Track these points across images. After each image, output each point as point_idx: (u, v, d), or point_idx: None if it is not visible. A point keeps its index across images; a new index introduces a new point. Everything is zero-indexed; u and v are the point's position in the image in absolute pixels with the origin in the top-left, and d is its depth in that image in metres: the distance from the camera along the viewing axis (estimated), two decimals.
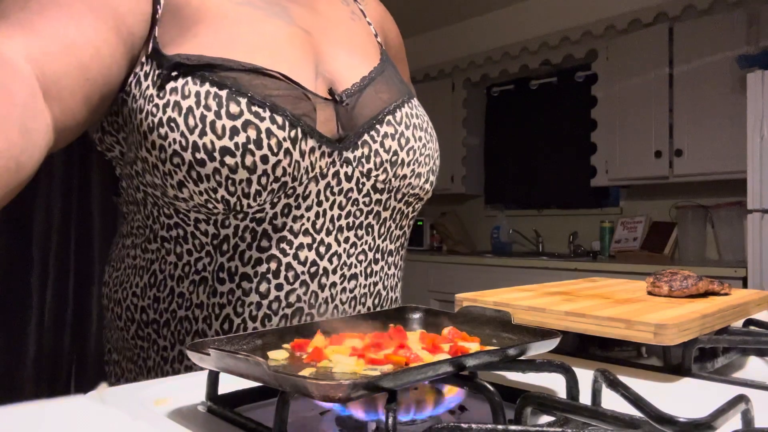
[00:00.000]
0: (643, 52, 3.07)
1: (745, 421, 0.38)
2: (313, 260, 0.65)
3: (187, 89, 0.58)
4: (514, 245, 3.89)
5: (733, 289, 0.76)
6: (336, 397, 0.35)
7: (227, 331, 0.65)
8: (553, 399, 0.39)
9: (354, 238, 0.69)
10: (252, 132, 0.58)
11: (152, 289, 0.68)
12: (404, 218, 0.76)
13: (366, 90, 0.70)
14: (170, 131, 0.57)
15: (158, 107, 0.58)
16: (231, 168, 0.58)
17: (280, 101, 0.60)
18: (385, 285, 0.75)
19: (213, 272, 0.65)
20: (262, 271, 0.64)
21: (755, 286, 2.31)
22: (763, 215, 2.30)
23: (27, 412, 0.45)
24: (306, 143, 0.62)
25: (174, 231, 0.65)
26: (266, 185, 0.60)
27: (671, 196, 3.22)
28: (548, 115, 3.83)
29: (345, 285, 0.69)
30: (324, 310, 0.67)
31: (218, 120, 0.57)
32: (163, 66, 0.59)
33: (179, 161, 0.58)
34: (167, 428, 0.43)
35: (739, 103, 2.52)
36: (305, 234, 0.65)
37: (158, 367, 0.69)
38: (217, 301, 0.65)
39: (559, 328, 0.61)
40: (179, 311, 0.67)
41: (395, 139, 0.70)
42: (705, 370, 0.60)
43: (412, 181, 0.72)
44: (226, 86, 0.58)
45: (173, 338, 0.68)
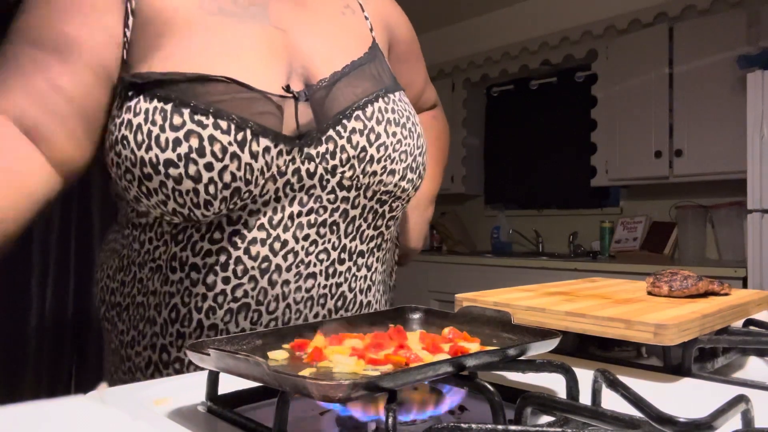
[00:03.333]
0: (643, 52, 3.07)
1: (745, 421, 0.38)
2: (265, 256, 0.64)
3: (138, 107, 0.60)
4: (514, 245, 3.89)
5: (733, 289, 0.76)
6: (336, 397, 0.35)
7: (174, 320, 0.66)
8: (553, 399, 0.40)
9: (315, 235, 0.67)
10: (194, 141, 0.58)
11: (120, 273, 0.71)
12: (379, 218, 0.73)
13: (337, 84, 0.68)
14: (123, 149, 0.60)
15: (116, 126, 0.61)
16: (175, 179, 0.59)
17: (226, 106, 0.60)
18: (352, 287, 0.72)
19: (166, 261, 0.66)
20: (210, 262, 0.64)
21: (755, 286, 2.31)
22: (763, 215, 2.30)
23: (27, 412, 0.45)
24: (258, 144, 0.61)
25: (143, 219, 0.67)
26: (215, 194, 0.60)
27: (671, 196, 3.22)
28: (548, 115, 3.83)
29: (300, 284, 0.66)
30: (274, 308, 0.66)
31: (162, 133, 0.58)
32: (122, 85, 0.62)
33: (131, 177, 0.60)
34: (167, 428, 0.43)
35: (739, 103, 2.52)
36: (260, 229, 0.64)
37: (117, 351, 0.72)
38: (168, 289, 0.66)
39: (559, 328, 0.61)
40: (138, 297, 0.69)
41: (363, 134, 0.67)
42: (705, 370, 0.60)
43: (383, 178, 0.69)
44: (171, 99, 0.59)
45: (129, 323, 0.70)
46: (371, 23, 0.80)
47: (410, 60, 0.92)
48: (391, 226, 0.76)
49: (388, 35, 0.85)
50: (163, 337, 0.67)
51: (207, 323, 0.65)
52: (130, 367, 0.70)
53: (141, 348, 0.69)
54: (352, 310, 0.73)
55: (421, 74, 0.97)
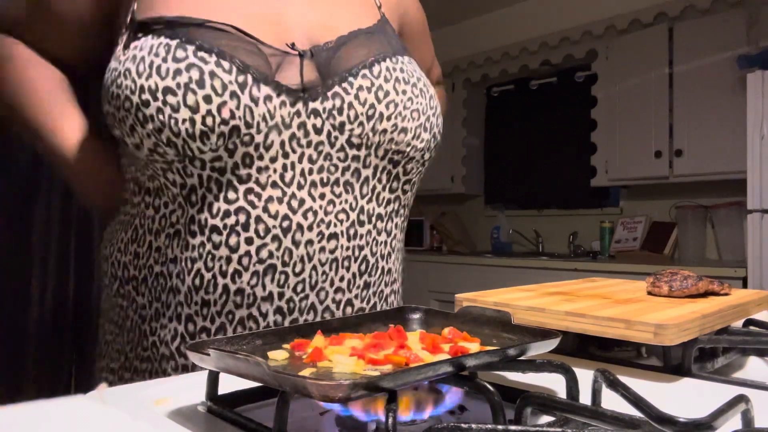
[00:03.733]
0: (643, 52, 3.07)
1: (745, 421, 0.38)
2: (285, 214, 0.63)
3: (144, 44, 0.62)
4: (514, 245, 3.89)
5: (733, 289, 0.76)
6: (336, 397, 0.35)
7: (198, 287, 0.64)
8: (553, 399, 0.40)
9: (331, 194, 0.66)
10: (195, 73, 0.59)
11: (133, 245, 0.69)
12: (393, 180, 0.72)
13: (343, 47, 0.68)
14: (124, 79, 0.61)
15: (120, 61, 0.62)
16: (173, 107, 0.59)
17: (228, 50, 0.61)
18: (374, 251, 0.71)
19: (185, 225, 0.64)
20: (230, 223, 0.63)
21: (755, 286, 2.31)
22: (763, 215, 2.30)
23: (27, 412, 0.45)
24: (258, 90, 0.62)
25: (153, 182, 0.66)
26: (213, 126, 0.60)
27: (671, 196, 3.22)
28: (548, 115, 3.83)
29: (324, 244, 0.65)
30: (300, 269, 0.65)
31: (164, 64, 0.60)
32: (131, 29, 0.64)
33: (129, 105, 0.60)
34: (167, 428, 0.43)
35: (739, 103, 2.52)
36: (273, 186, 0.63)
37: (136, 327, 0.69)
38: (189, 255, 0.64)
39: (559, 328, 0.61)
40: (155, 266, 0.67)
41: (372, 91, 0.67)
42: (705, 370, 0.60)
43: (394, 137, 0.68)
44: (177, 37, 0.61)
45: (150, 295, 0.67)
46: (380, 1, 0.80)
47: (420, 39, 0.92)
48: (408, 191, 0.75)
49: (399, 17, 0.84)
50: (188, 306, 0.65)
51: (233, 288, 0.64)
52: (155, 341, 0.67)
53: (166, 320, 0.66)
54: (374, 276, 0.72)
55: (429, 54, 0.97)
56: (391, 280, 0.75)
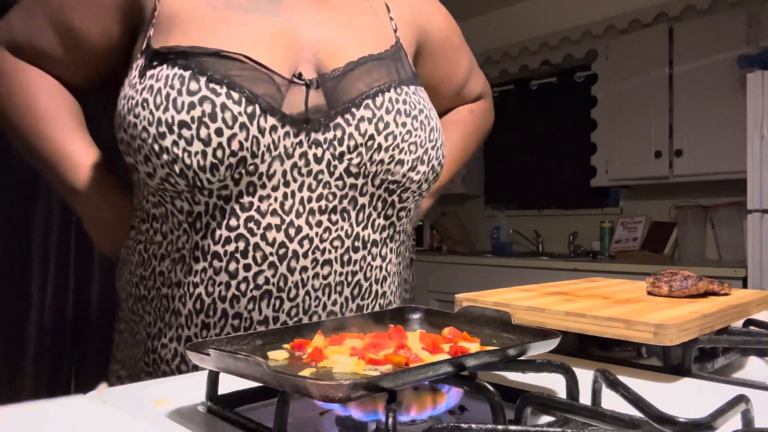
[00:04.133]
0: (643, 52, 3.07)
1: (745, 421, 0.38)
2: (281, 242, 0.65)
3: (160, 74, 0.64)
4: (514, 245, 3.89)
5: (733, 289, 0.76)
6: (336, 397, 0.35)
7: (198, 310, 0.67)
8: (553, 399, 0.40)
9: (327, 222, 0.68)
10: (207, 106, 0.62)
11: (139, 268, 0.73)
12: (389, 207, 0.73)
13: (349, 74, 0.69)
14: (142, 110, 0.63)
15: (137, 91, 0.64)
16: (187, 140, 0.61)
17: (239, 80, 0.63)
18: (368, 276, 0.72)
19: (190, 250, 0.67)
20: (230, 250, 0.65)
21: (755, 286, 2.31)
22: (763, 215, 2.30)
23: (27, 412, 0.45)
24: (265, 120, 0.64)
25: (159, 209, 0.69)
26: (222, 159, 0.62)
27: (671, 196, 3.22)
28: (548, 115, 3.83)
29: (318, 270, 0.67)
30: (295, 295, 0.67)
31: (179, 97, 0.62)
32: (147, 57, 0.66)
33: (146, 135, 0.62)
34: (167, 428, 0.43)
35: (739, 103, 2.52)
36: (273, 214, 0.65)
37: (142, 343, 0.72)
38: (192, 279, 0.67)
39: (559, 328, 0.61)
40: (163, 289, 0.70)
41: (372, 123, 0.68)
42: (705, 370, 0.60)
43: (391, 168, 0.70)
44: (190, 68, 0.63)
45: (156, 315, 0.71)
46: (396, 24, 0.80)
47: (447, 53, 0.91)
48: (403, 217, 0.76)
49: (418, 34, 0.84)
50: (188, 328, 0.68)
51: (231, 312, 0.66)
52: (155, 359, 0.70)
53: (167, 340, 0.69)
54: (368, 300, 0.73)
55: (462, 66, 0.96)
56: (386, 303, 0.76)
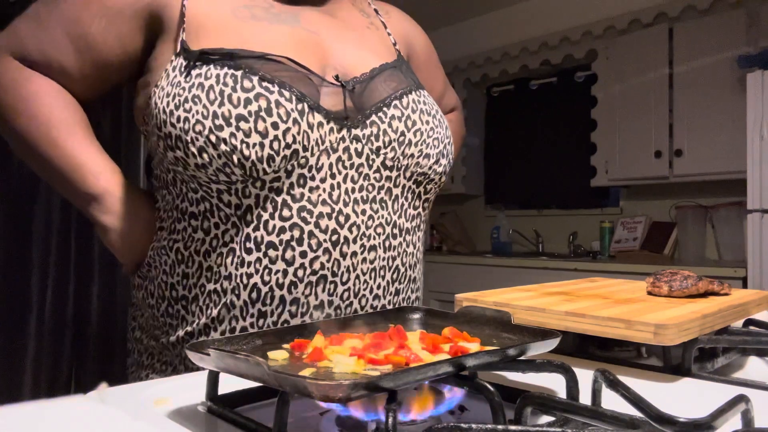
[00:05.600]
0: (643, 52, 3.07)
1: (745, 421, 0.38)
2: (333, 229, 0.70)
3: (209, 73, 0.67)
4: (514, 245, 3.89)
5: (733, 289, 0.76)
6: (336, 397, 0.35)
7: (255, 300, 0.69)
8: (553, 399, 0.40)
9: (370, 211, 0.73)
10: (263, 102, 0.66)
11: (180, 266, 0.73)
12: (416, 198, 0.80)
13: (375, 79, 0.77)
14: (194, 105, 0.66)
15: (185, 89, 0.67)
16: (245, 132, 0.65)
17: (287, 80, 0.68)
18: (404, 261, 0.79)
19: (240, 242, 0.69)
20: (286, 239, 0.68)
21: (755, 286, 2.31)
22: (763, 215, 2.30)
23: (27, 412, 0.45)
24: (313, 117, 0.69)
25: (201, 205, 0.71)
26: (278, 150, 0.66)
27: (671, 196, 3.22)
28: (548, 115, 3.83)
29: (365, 255, 0.73)
30: (347, 279, 0.71)
31: (234, 93, 0.66)
32: (188, 58, 0.69)
33: (201, 128, 0.65)
34: (167, 428, 0.43)
35: (739, 103, 2.52)
36: (323, 204, 0.70)
37: (181, 343, 0.74)
38: (245, 270, 0.69)
39: (559, 328, 0.61)
40: (209, 285, 0.71)
41: (402, 120, 0.76)
42: (705, 370, 0.60)
43: (420, 161, 0.77)
44: (241, 68, 0.67)
45: (201, 313, 0.72)
46: (394, 38, 0.89)
47: (429, 68, 1.01)
48: (426, 208, 0.84)
49: (408, 49, 0.94)
50: (243, 319, 0.70)
51: (289, 298, 0.69)
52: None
53: (218, 334, 0.71)
54: (404, 284, 0.79)
55: (440, 80, 1.06)
56: (416, 287, 0.84)
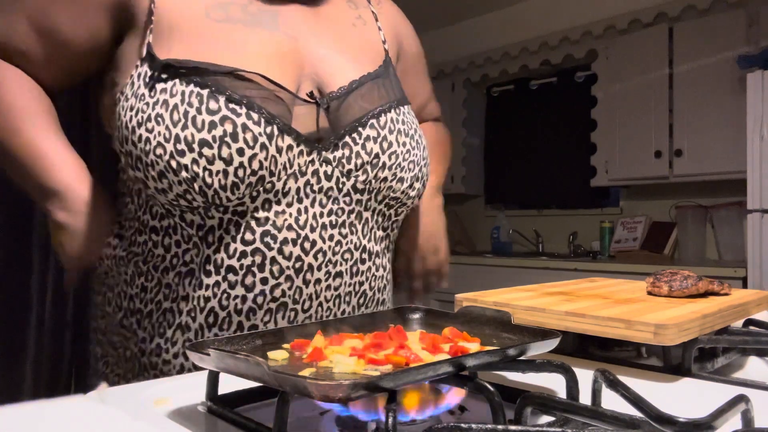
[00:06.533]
0: (643, 52, 3.07)
1: (745, 421, 0.38)
2: (297, 255, 0.67)
3: (174, 89, 0.63)
4: (514, 245, 3.89)
5: (733, 289, 0.76)
6: (336, 397, 0.35)
7: (212, 324, 0.67)
8: (553, 399, 0.40)
9: (338, 236, 0.70)
10: (228, 126, 0.62)
11: (140, 278, 0.70)
12: (386, 220, 0.77)
13: (352, 94, 0.72)
14: (156, 125, 0.62)
15: (148, 105, 0.63)
16: (208, 159, 0.61)
17: (257, 100, 0.64)
18: (372, 286, 0.76)
19: (200, 264, 0.67)
20: (247, 264, 0.66)
21: (755, 286, 2.31)
22: (763, 215, 2.30)
23: (27, 412, 0.45)
24: (282, 140, 0.65)
25: (165, 221, 0.68)
26: (243, 178, 0.63)
27: (671, 196, 3.21)
28: (548, 115, 3.83)
29: (330, 282, 0.70)
30: (308, 306, 0.69)
31: (198, 115, 0.61)
32: (154, 68, 0.64)
33: (161, 152, 0.61)
34: (167, 428, 0.43)
35: (739, 103, 2.52)
36: (289, 229, 0.67)
37: (135, 359, 0.71)
38: (203, 293, 0.66)
39: (559, 328, 0.61)
40: (165, 303, 0.68)
41: (377, 142, 0.71)
42: (705, 370, 0.60)
43: (393, 185, 0.73)
44: (208, 86, 0.63)
45: (153, 330, 0.69)
46: (384, 34, 0.83)
47: (417, 74, 0.95)
48: (395, 229, 0.80)
49: (398, 47, 0.88)
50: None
51: (247, 324, 0.67)
52: (156, 375, 0.70)
53: (171, 356, 0.68)
54: (371, 307, 0.77)
55: (426, 88, 1.00)
56: (385, 309, 0.80)
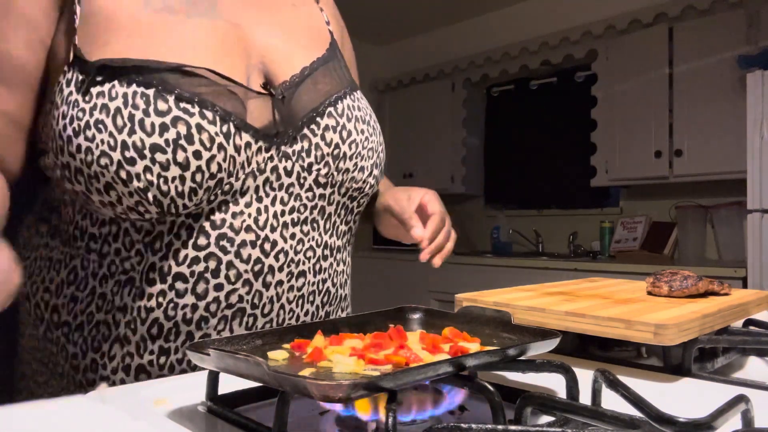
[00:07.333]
0: (643, 52, 3.07)
1: (745, 421, 0.38)
2: (257, 258, 0.63)
3: (114, 91, 0.57)
4: (514, 245, 3.88)
5: (733, 289, 0.76)
6: (336, 397, 0.35)
7: (155, 336, 0.61)
8: (553, 399, 0.40)
9: (300, 234, 0.67)
10: (182, 128, 0.57)
11: (70, 287, 0.63)
12: (349, 213, 0.74)
13: (305, 81, 0.68)
14: (98, 132, 0.56)
15: (84, 111, 0.57)
16: (162, 165, 0.56)
17: (209, 97, 0.59)
18: (334, 282, 0.73)
19: (142, 272, 0.61)
20: (199, 270, 0.61)
21: (755, 286, 2.31)
22: (763, 215, 2.30)
23: (27, 411, 0.45)
24: (240, 138, 0.61)
25: (105, 228, 0.62)
26: (201, 182, 0.58)
27: (671, 196, 3.21)
28: (548, 115, 3.83)
29: (293, 283, 0.66)
30: (269, 310, 0.65)
31: (147, 118, 0.56)
32: (86, 71, 0.58)
33: (107, 162, 0.56)
34: (167, 428, 0.43)
35: (739, 103, 2.52)
36: (248, 231, 0.63)
37: (69, 376, 0.64)
38: (144, 304, 0.61)
39: (559, 328, 0.61)
40: (97, 314, 0.62)
41: (336, 131, 0.68)
42: (705, 370, 0.60)
43: (355, 175, 0.71)
44: (153, 85, 0.57)
45: (85, 345, 0.63)
46: (327, 16, 0.80)
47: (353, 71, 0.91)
48: (356, 221, 0.78)
49: (341, 33, 0.84)
50: (140, 356, 0.61)
51: (198, 334, 0.62)
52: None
53: (109, 371, 0.62)
54: (334, 305, 0.74)
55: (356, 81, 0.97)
56: (346, 305, 0.78)
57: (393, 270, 3.73)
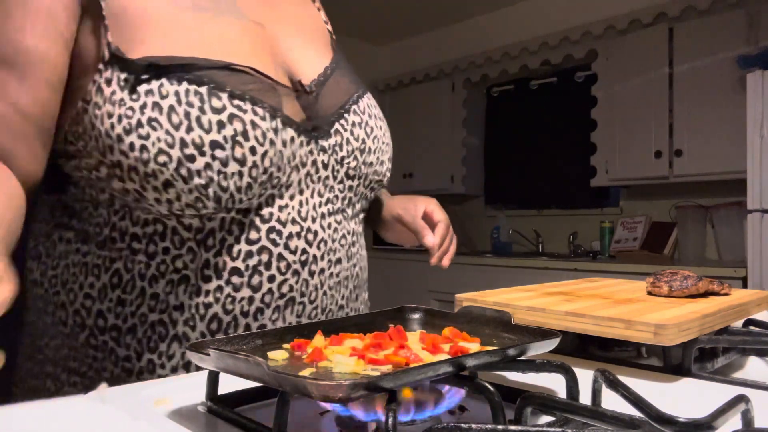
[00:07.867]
0: (643, 52, 3.07)
1: (745, 421, 0.38)
2: (303, 248, 0.67)
3: (164, 90, 0.57)
4: (514, 245, 3.88)
5: (733, 289, 0.76)
6: (336, 397, 0.35)
7: (215, 331, 0.63)
8: (553, 399, 0.40)
9: (335, 223, 0.71)
10: (238, 124, 0.59)
11: (115, 290, 0.63)
12: (366, 202, 0.80)
13: (329, 81, 0.72)
14: (152, 130, 0.56)
15: (133, 109, 0.57)
16: (222, 161, 0.58)
17: (257, 94, 0.61)
18: (362, 266, 0.78)
19: (197, 270, 0.62)
20: (253, 264, 0.63)
21: (755, 286, 2.31)
22: (763, 215, 2.30)
23: (27, 412, 0.45)
24: (286, 133, 0.64)
25: (150, 227, 0.62)
26: (256, 177, 0.61)
27: (671, 196, 3.21)
28: (548, 115, 3.83)
29: (332, 270, 0.70)
30: (315, 297, 0.68)
31: (203, 115, 0.57)
32: (129, 69, 0.58)
33: (166, 159, 0.57)
34: (167, 428, 0.43)
35: (739, 103, 2.52)
36: (293, 223, 0.66)
37: (121, 380, 0.63)
38: (202, 300, 0.62)
39: (559, 328, 0.61)
40: (150, 315, 0.62)
41: (362, 127, 0.73)
42: (705, 370, 0.60)
43: (377, 168, 0.76)
44: (204, 83, 0.58)
45: (140, 346, 0.63)
46: (324, 15, 0.84)
47: None
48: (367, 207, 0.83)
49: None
50: None
51: (255, 325, 0.64)
52: None
53: (168, 371, 0.63)
54: (362, 287, 0.78)
55: None
56: (367, 286, 0.83)
57: (393, 270, 3.73)
